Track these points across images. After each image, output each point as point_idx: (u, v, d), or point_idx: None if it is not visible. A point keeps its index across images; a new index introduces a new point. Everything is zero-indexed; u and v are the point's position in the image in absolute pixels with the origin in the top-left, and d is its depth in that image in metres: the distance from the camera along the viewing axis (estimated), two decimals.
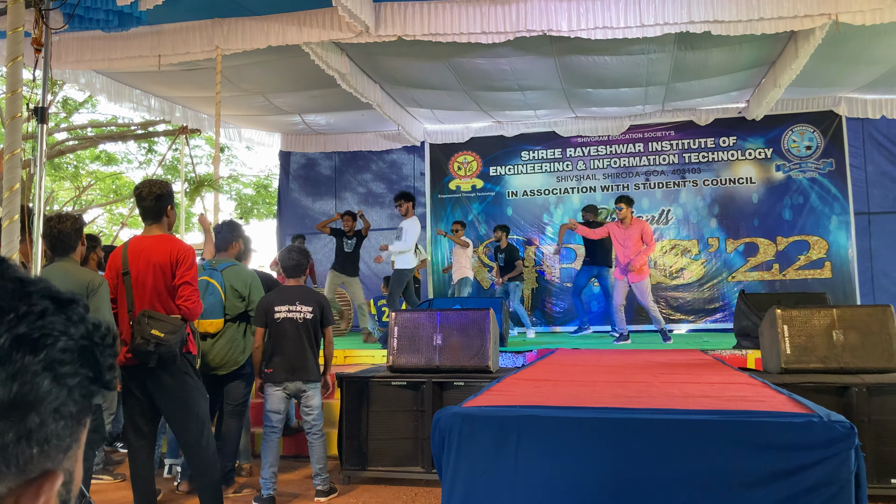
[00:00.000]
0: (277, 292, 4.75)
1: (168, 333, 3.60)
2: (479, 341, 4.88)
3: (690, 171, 10.71)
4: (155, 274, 3.71)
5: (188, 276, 3.74)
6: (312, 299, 4.71)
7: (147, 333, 3.56)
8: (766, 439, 2.40)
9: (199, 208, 7.96)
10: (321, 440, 4.66)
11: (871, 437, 4.02)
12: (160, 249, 3.74)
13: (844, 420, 2.40)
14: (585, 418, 2.59)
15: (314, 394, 4.66)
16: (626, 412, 2.65)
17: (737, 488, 2.36)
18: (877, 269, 10.08)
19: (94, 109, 17.37)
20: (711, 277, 10.49)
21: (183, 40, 7.32)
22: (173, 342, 3.61)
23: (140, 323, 3.60)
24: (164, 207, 3.83)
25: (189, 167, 12.76)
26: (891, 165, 10.19)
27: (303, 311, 4.62)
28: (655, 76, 8.76)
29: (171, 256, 3.73)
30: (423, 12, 6.83)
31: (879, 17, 6.37)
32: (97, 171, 18.67)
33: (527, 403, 2.86)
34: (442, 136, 11.50)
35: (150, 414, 3.89)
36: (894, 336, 4.47)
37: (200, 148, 18.38)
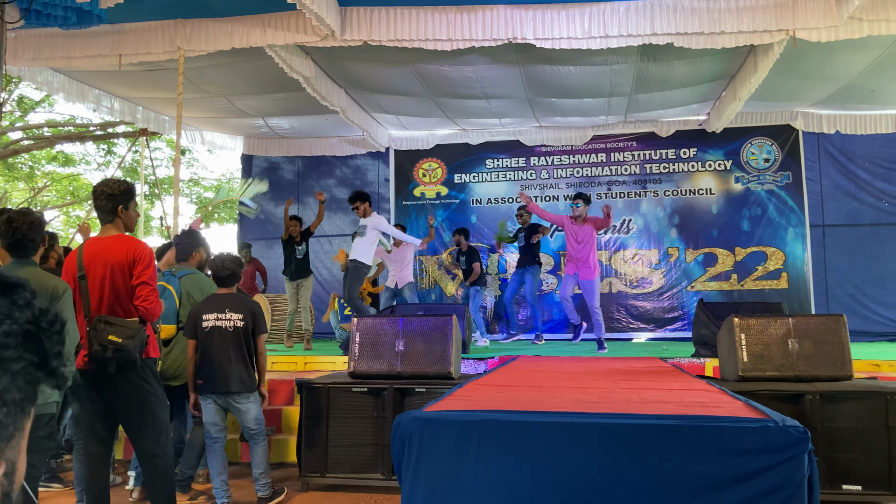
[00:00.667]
0: (207, 301, 4.57)
1: (126, 338, 3.49)
2: (442, 347, 4.87)
3: (651, 181, 10.86)
4: (113, 275, 3.61)
5: (146, 275, 3.63)
6: (243, 307, 4.53)
7: (104, 339, 3.45)
8: (723, 444, 2.43)
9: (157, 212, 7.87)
10: (261, 446, 4.55)
11: (823, 443, 4.09)
12: (117, 249, 3.64)
13: (798, 425, 2.44)
14: (545, 422, 2.60)
15: (249, 407, 4.49)
16: (585, 416, 2.66)
17: (694, 492, 2.38)
18: (831, 280, 10.32)
19: (51, 109, 17.03)
20: (671, 287, 10.63)
21: (144, 40, 7.21)
22: (132, 347, 3.50)
23: (96, 329, 3.48)
24: (114, 207, 3.72)
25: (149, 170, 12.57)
26: (845, 179, 10.45)
27: (232, 318, 4.45)
28: (618, 87, 8.87)
29: (128, 256, 3.62)
30: (390, 18, 6.82)
31: (834, 34, 6.54)
32: (54, 172, 18.27)
33: (488, 408, 2.86)
34: (407, 143, 11.49)
35: (108, 419, 3.77)
36: (846, 345, 4.57)
37: (161, 150, 18.11)
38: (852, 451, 4.13)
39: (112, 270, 3.61)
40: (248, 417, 4.49)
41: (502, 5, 6.68)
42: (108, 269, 3.61)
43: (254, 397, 4.54)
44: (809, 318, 4.80)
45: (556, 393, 3.58)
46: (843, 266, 10.32)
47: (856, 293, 10.22)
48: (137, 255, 3.64)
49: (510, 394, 3.56)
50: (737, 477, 2.39)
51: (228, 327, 4.43)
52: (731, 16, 6.55)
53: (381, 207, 11.40)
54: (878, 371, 5.92)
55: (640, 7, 6.61)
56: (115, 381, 3.59)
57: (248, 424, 4.51)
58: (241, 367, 4.45)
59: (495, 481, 2.53)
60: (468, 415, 2.71)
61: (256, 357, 4.57)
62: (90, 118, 16.27)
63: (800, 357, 4.55)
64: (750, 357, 4.59)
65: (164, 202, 13.26)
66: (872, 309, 10.11)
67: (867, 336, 9.77)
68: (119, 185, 3.77)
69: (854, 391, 4.25)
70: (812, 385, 4.36)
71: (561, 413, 2.76)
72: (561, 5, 6.67)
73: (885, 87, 8.91)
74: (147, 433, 3.71)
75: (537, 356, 6.72)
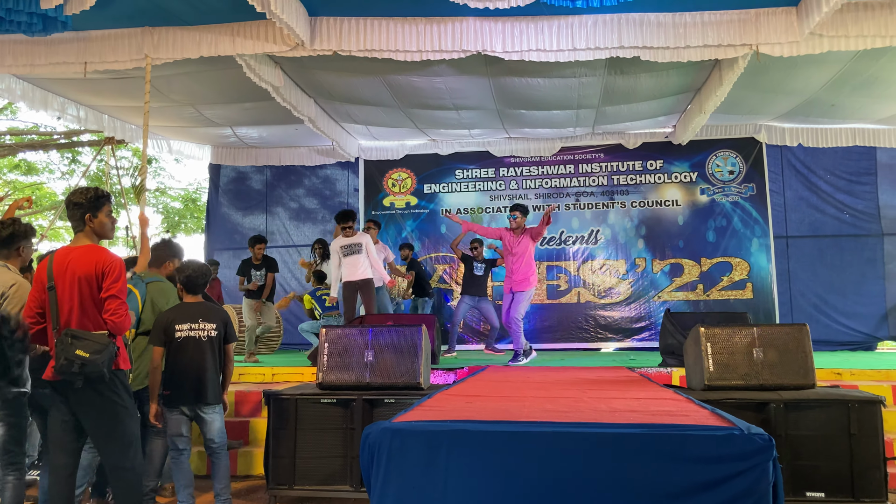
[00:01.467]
0: (178, 310, 4.47)
1: (94, 353, 3.42)
2: (411, 358, 4.85)
3: (619, 192, 10.98)
4: (81, 288, 3.54)
5: (115, 288, 3.56)
6: (216, 316, 4.47)
7: (71, 354, 3.38)
8: (690, 452, 2.46)
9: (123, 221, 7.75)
10: (224, 461, 4.47)
11: (787, 451, 4.15)
12: (85, 261, 3.57)
13: (763, 433, 2.48)
14: (515, 432, 2.60)
15: (215, 418, 4.42)
16: (554, 426, 2.67)
17: (662, 499, 2.40)
18: (794, 290, 10.50)
19: (13, 116, 16.72)
20: (638, 297, 10.74)
21: (111, 48, 7.11)
22: (100, 362, 3.44)
23: (63, 343, 3.42)
24: (81, 216, 3.66)
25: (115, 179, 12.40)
26: (807, 191, 10.67)
27: (206, 328, 4.38)
28: (586, 99, 8.97)
29: (96, 268, 3.56)
30: (359, 28, 6.82)
31: (796, 49, 6.68)
32: (16, 180, 17.91)
33: (457, 418, 2.86)
34: (376, 153, 11.49)
35: (76, 432, 3.69)
36: (809, 354, 4.65)
37: (127, 159, 17.86)
38: (815, 458, 4.19)
39: (80, 282, 3.55)
40: (213, 428, 4.41)
41: (472, 17, 6.72)
42: (76, 280, 3.55)
43: (219, 408, 4.48)
44: (773, 327, 4.87)
45: (525, 403, 3.59)
46: (806, 276, 10.52)
47: (818, 303, 10.42)
48: (106, 268, 3.58)
49: (479, 404, 3.56)
50: (703, 484, 2.42)
51: (203, 337, 4.37)
52: (696, 30, 6.67)
53: None
54: (839, 380, 6.03)
55: (607, 21, 6.70)
56: (84, 394, 3.53)
57: (212, 436, 4.42)
58: (216, 377, 4.41)
59: (465, 492, 2.53)
60: (437, 425, 2.71)
61: (225, 364, 4.52)
62: (54, 126, 16.03)
63: (764, 366, 4.62)
64: (716, 366, 4.65)
65: (130, 212, 13.08)
66: (834, 318, 10.31)
67: (829, 345, 9.96)
68: (85, 194, 3.71)
69: (817, 399, 4.31)
70: (776, 393, 4.43)
71: (530, 423, 2.77)
72: (530, 18, 6.73)
73: (845, 102, 9.13)
74: (115, 446, 3.64)
75: (506, 366, 6.73)
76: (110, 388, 3.59)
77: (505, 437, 2.59)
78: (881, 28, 6.42)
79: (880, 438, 4.17)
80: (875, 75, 8.06)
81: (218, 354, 4.44)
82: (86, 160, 16.16)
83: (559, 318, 10.82)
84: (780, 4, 6.60)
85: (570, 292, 10.83)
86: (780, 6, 6.61)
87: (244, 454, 5.69)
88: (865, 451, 4.15)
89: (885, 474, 4.13)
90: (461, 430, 2.63)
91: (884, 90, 8.64)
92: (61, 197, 17.01)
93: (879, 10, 6.40)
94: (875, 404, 4.23)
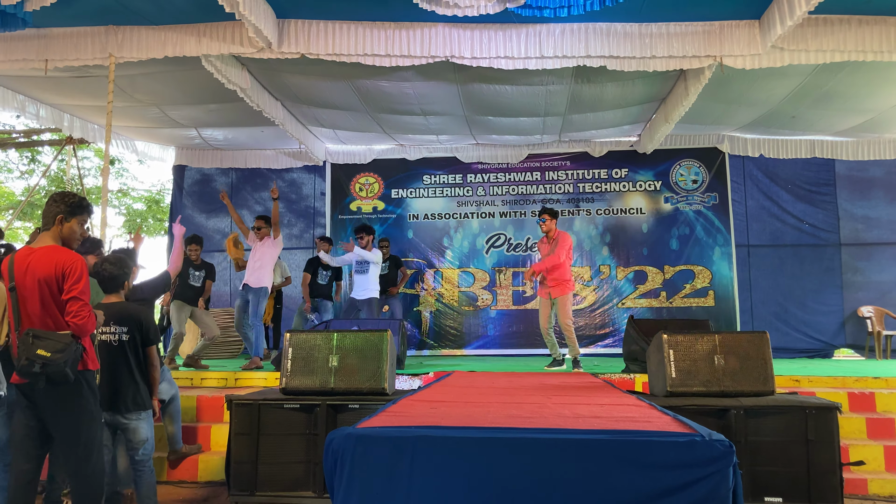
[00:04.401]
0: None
1: (56, 353, 3.34)
2: (376, 363, 4.83)
3: (584, 200, 11.08)
4: (41, 289, 3.46)
5: (76, 289, 3.48)
6: (129, 317, 4.22)
7: (32, 354, 3.31)
8: (652, 458, 2.48)
9: None
10: (149, 477, 4.30)
11: (747, 456, 4.21)
12: (45, 262, 3.49)
13: (724, 439, 2.51)
14: (479, 438, 2.60)
15: (139, 426, 4.23)
16: (518, 432, 2.68)
17: None
18: (755, 298, 10.69)
19: None
20: (603, 303, 10.83)
21: (73, 45, 6.99)
22: (62, 361, 3.36)
23: (25, 342, 3.35)
24: (54, 215, 3.61)
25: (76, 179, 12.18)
26: (768, 201, 10.87)
27: (117, 331, 4.17)
28: (553, 107, 9.04)
29: (56, 269, 3.48)
30: (328, 31, 6.79)
31: (758, 62, 6.82)
32: None
33: (422, 424, 2.85)
34: (344, 157, 11.44)
35: (40, 439, 3.61)
36: (769, 361, 4.72)
37: (89, 160, 17.56)
38: (774, 463, 4.26)
39: (40, 284, 3.47)
40: (135, 437, 4.23)
41: (441, 23, 6.74)
42: (37, 281, 3.47)
43: (145, 415, 4.29)
44: (735, 335, 4.94)
45: (490, 408, 3.59)
46: (766, 285, 10.71)
47: (778, 311, 10.61)
48: (67, 269, 3.50)
49: (444, 409, 3.55)
50: (665, 490, 2.44)
51: (113, 341, 4.18)
52: (662, 41, 6.77)
53: (317, 222, 11.31)
54: (798, 386, 6.15)
55: (574, 30, 6.76)
56: (49, 396, 3.46)
57: (135, 445, 4.23)
58: (132, 383, 4.21)
59: (429, 498, 2.52)
60: (402, 431, 2.69)
61: (148, 370, 4.33)
62: (13, 124, 15.68)
63: (725, 373, 4.68)
64: (678, 373, 4.70)
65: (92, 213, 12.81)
66: (793, 326, 10.51)
67: (788, 353, 10.15)
68: (68, 197, 3.67)
69: (776, 406, 4.38)
70: (737, 400, 4.49)
71: (494, 428, 2.77)
72: (498, 25, 6.77)
73: (805, 114, 9.33)
74: (77, 450, 3.55)
75: (472, 372, 6.74)
76: (75, 390, 3.51)
77: (469, 443, 2.59)
78: (839, 43, 6.58)
79: (836, 444, 4.25)
80: (834, 89, 8.26)
81: (134, 358, 4.23)
82: (46, 160, 15.83)
83: (524, 324, 10.87)
84: (743, 17, 6.73)
85: (536, 298, 10.87)
86: (743, 19, 6.74)
87: (205, 460, 5.61)
88: (822, 457, 4.23)
89: (840, 479, 4.21)
90: (425, 437, 2.62)
91: (842, 103, 8.85)
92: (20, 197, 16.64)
93: (838, 26, 6.56)
94: (832, 411, 4.31)
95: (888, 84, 8.12)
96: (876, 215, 10.73)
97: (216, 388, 6.56)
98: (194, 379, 6.71)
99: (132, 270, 4.92)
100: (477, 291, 11.03)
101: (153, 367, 4.37)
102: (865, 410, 5.85)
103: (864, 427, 5.62)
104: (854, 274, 10.64)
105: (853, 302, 10.53)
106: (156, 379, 4.41)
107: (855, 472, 5.15)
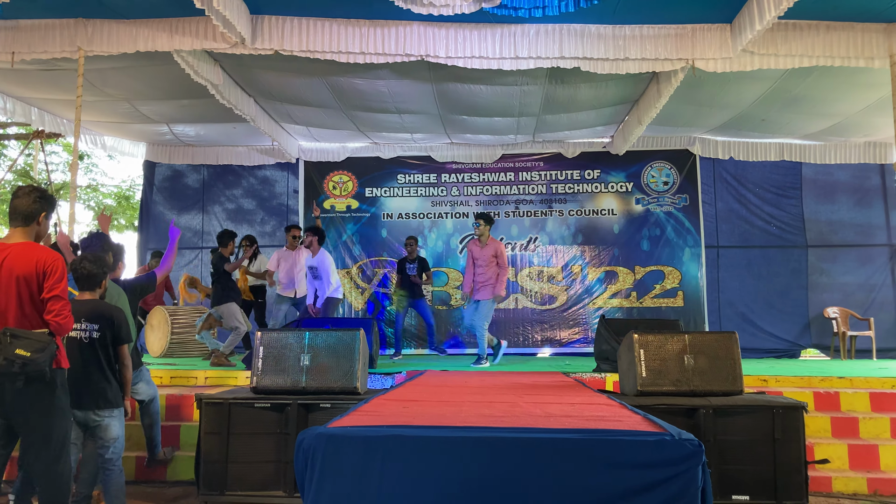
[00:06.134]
0: None
1: (35, 352, 3.27)
2: (348, 362, 4.81)
3: (557, 201, 11.14)
4: (19, 286, 3.38)
5: (58, 288, 3.41)
6: (100, 315, 4.16)
7: (11, 353, 3.22)
8: (622, 457, 2.51)
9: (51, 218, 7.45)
10: (117, 477, 4.22)
11: (715, 455, 4.27)
12: (24, 259, 3.41)
13: (693, 438, 2.54)
14: (451, 437, 2.61)
15: (110, 423, 4.16)
16: (490, 431, 2.69)
17: None
18: (723, 298, 10.83)
19: None
20: (574, 303, 10.90)
21: (41, 38, 6.87)
22: (41, 361, 3.29)
23: (2, 342, 3.25)
24: (38, 211, 3.54)
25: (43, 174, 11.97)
26: (737, 203, 11.02)
27: (88, 329, 4.09)
28: (527, 107, 9.07)
29: (37, 267, 3.40)
30: (302, 28, 6.75)
31: (729, 65, 6.91)
32: None
33: (393, 423, 2.85)
34: (317, 154, 11.37)
35: (6, 436, 3.52)
36: (738, 361, 4.79)
37: (57, 154, 17.27)
38: (742, 462, 4.32)
39: (18, 281, 3.38)
40: (104, 436, 4.16)
41: (416, 22, 6.73)
42: (14, 279, 3.38)
43: (117, 413, 4.22)
44: (704, 335, 5.01)
45: (463, 408, 3.60)
46: (734, 286, 10.86)
47: (746, 311, 10.76)
48: (48, 267, 3.42)
49: (416, 409, 3.55)
50: (635, 489, 2.47)
51: (84, 339, 4.11)
52: (635, 43, 6.82)
53: (290, 220, 11.22)
54: (765, 386, 6.24)
55: (549, 31, 6.80)
56: (23, 394, 3.36)
57: (106, 443, 4.16)
58: (102, 382, 4.14)
59: (400, 498, 2.52)
60: (373, 430, 2.69)
61: (120, 370, 4.27)
62: None
63: (695, 372, 4.74)
64: (648, 372, 4.75)
65: (60, 209, 12.63)
66: (760, 327, 10.67)
67: (756, 353, 10.30)
68: (45, 193, 3.60)
69: (744, 405, 4.45)
70: (706, 399, 4.55)
71: (465, 428, 2.78)
72: (473, 25, 6.78)
73: (774, 117, 9.46)
74: (50, 449, 3.47)
75: (445, 371, 6.74)
76: (50, 387, 3.44)
77: (440, 442, 2.59)
78: (808, 48, 6.68)
79: (802, 443, 4.33)
80: (802, 93, 8.39)
81: (105, 357, 4.17)
82: (12, 154, 15.52)
83: (497, 324, 10.89)
84: (715, 21, 6.81)
85: (509, 298, 10.91)
86: (715, 23, 6.82)
87: (175, 459, 5.55)
88: (788, 455, 4.30)
89: (805, 477, 4.29)
90: (397, 436, 2.62)
91: (810, 107, 8.99)
92: None
93: (807, 31, 6.66)
94: (798, 410, 4.39)
95: (855, 89, 8.27)
96: (841, 218, 10.93)
97: (186, 388, 6.49)
98: (164, 378, 6.63)
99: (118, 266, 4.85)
100: (450, 291, 11.05)
101: (125, 366, 4.30)
102: (830, 410, 5.95)
103: (829, 426, 5.73)
104: (820, 275, 10.83)
105: (819, 303, 10.72)
106: (127, 379, 4.34)
107: (820, 470, 5.23)
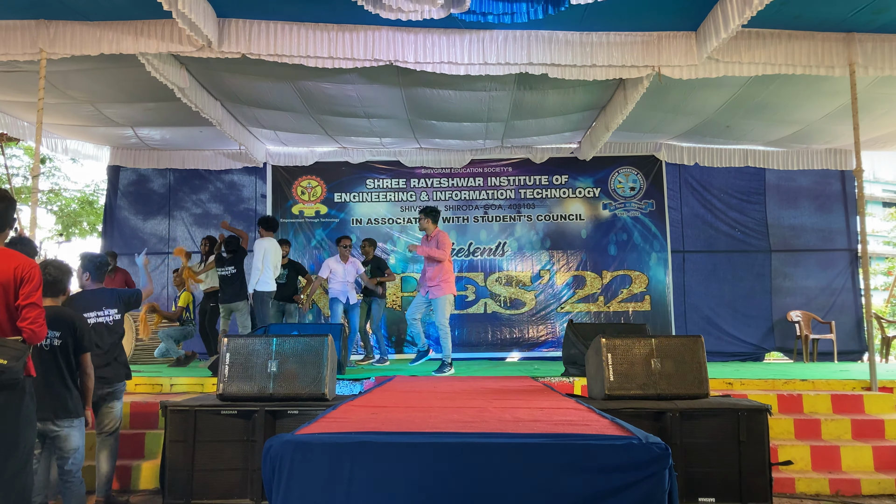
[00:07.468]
0: None
1: (12, 360, 3.19)
2: (316, 368, 4.78)
3: (525, 206, 11.20)
4: None
5: (34, 296, 3.32)
6: (62, 322, 4.05)
7: None
8: (590, 461, 2.52)
9: None
10: (80, 486, 4.13)
11: (681, 458, 4.31)
12: (2, 267, 3.30)
13: (660, 441, 2.57)
14: (419, 443, 2.60)
15: (70, 433, 4.06)
16: (460, 437, 2.69)
17: None
18: (689, 302, 10.97)
19: None
20: (542, 308, 10.96)
21: (2, 40, 6.71)
22: (17, 369, 3.22)
23: None
24: (11, 217, 3.44)
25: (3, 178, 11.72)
26: (702, 208, 11.18)
27: (49, 336, 3.98)
28: (496, 113, 9.11)
29: (15, 273, 3.30)
30: (269, 32, 6.70)
31: (694, 72, 7.00)
32: None
33: (362, 430, 2.83)
34: (285, 159, 11.30)
35: None
36: (704, 365, 4.85)
37: (18, 158, 16.93)
38: (708, 464, 4.37)
39: None
40: (68, 445, 4.06)
41: (385, 27, 6.71)
42: None
43: (78, 422, 4.13)
44: (671, 339, 5.06)
45: (431, 413, 3.59)
46: (700, 290, 11.01)
47: (711, 315, 10.91)
48: (25, 274, 3.32)
49: (385, 415, 3.54)
50: (603, 493, 2.48)
51: (45, 346, 4.00)
52: (602, 50, 6.88)
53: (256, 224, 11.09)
54: (730, 389, 6.32)
55: (517, 37, 6.82)
56: None
57: (65, 454, 4.07)
58: (62, 391, 4.04)
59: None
60: (341, 437, 2.67)
61: (81, 378, 4.18)
62: None
63: (661, 376, 4.79)
64: (616, 376, 4.78)
65: (20, 214, 12.37)
66: (725, 331, 10.82)
67: (721, 356, 10.44)
68: (9, 194, 3.47)
69: (710, 408, 4.51)
70: (672, 403, 4.59)
71: (434, 433, 2.77)
72: (442, 30, 6.78)
73: (738, 124, 9.62)
74: (15, 457, 3.37)
75: (414, 376, 6.73)
76: (20, 396, 3.35)
77: (409, 448, 2.58)
78: (771, 56, 6.80)
79: (766, 445, 4.39)
80: (766, 100, 8.54)
81: (66, 364, 4.07)
82: None
83: (466, 329, 10.92)
84: (680, 29, 6.89)
85: (478, 303, 10.94)
86: (680, 31, 6.90)
87: (139, 468, 5.46)
88: (753, 457, 4.36)
89: (769, 479, 4.36)
90: (365, 443, 2.60)
91: (773, 115, 9.16)
92: None
93: (770, 40, 6.78)
94: (762, 412, 4.45)
95: (816, 97, 8.44)
96: (803, 223, 11.15)
97: (151, 395, 6.39)
98: (128, 385, 6.51)
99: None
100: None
101: (86, 374, 4.21)
102: (793, 412, 6.05)
103: (792, 428, 5.82)
104: (783, 279, 11.02)
105: (782, 307, 10.91)
106: (89, 388, 4.24)
107: (783, 472, 5.31)
